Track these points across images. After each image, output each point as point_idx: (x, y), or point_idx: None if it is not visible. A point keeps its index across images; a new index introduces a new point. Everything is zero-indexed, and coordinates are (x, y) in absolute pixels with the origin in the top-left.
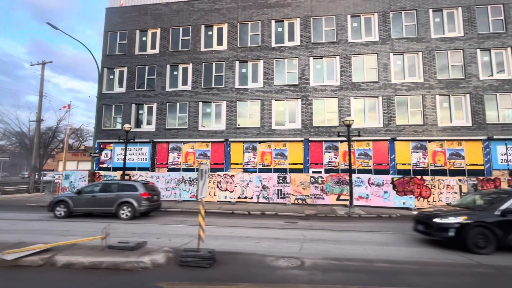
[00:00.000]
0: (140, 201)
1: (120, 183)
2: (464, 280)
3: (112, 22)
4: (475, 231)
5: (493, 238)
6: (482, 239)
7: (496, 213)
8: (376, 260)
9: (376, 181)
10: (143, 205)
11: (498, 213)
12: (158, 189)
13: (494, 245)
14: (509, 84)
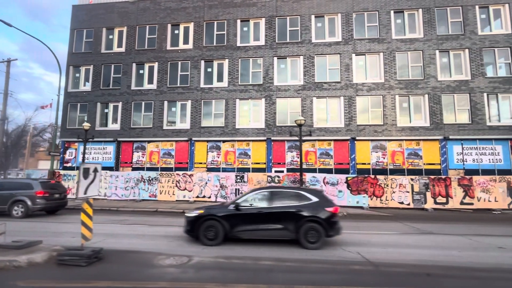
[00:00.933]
0: (35, 200)
1: (16, 181)
2: None
3: (78, 19)
4: (206, 224)
5: (221, 230)
6: (211, 231)
7: (231, 207)
8: (263, 258)
9: (331, 180)
10: (38, 203)
11: (233, 207)
12: (64, 187)
13: (222, 237)
14: (466, 85)
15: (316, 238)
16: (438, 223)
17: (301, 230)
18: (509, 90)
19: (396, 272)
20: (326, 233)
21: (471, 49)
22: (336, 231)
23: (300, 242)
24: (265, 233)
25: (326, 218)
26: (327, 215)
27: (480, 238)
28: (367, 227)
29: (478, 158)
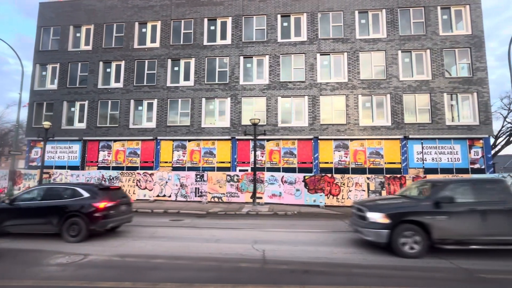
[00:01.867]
0: None
1: None
2: None
3: (45, 17)
4: None
5: None
6: None
7: (5, 202)
8: (160, 256)
9: (289, 179)
10: None
11: (6, 202)
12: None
13: None
14: (426, 85)
15: (77, 232)
16: None
17: (65, 224)
18: (468, 90)
19: (278, 269)
20: (87, 227)
21: (432, 50)
22: (100, 225)
23: (62, 236)
24: (32, 227)
25: (88, 212)
26: (90, 210)
27: None
28: (302, 226)
29: (437, 157)
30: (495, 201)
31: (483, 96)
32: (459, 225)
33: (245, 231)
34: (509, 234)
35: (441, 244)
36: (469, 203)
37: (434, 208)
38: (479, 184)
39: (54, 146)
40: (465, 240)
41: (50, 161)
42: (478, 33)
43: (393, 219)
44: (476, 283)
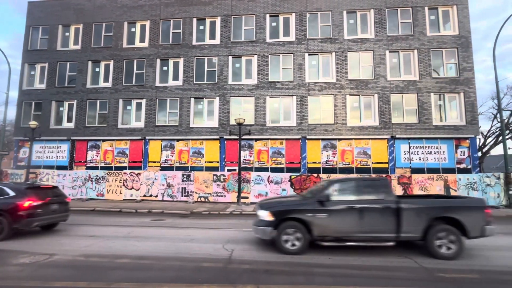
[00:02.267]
0: None
1: None
2: None
3: (34, 16)
4: None
5: None
6: None
7: None
8: (126, 256)
9: (275, 179)
10: None
11: None
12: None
13: None
14: (414, 85)
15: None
16: None
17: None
18: (455, 90)
19: (240, 269)
20: (10, 226)
21: (420, 50)
22: (24, 224)
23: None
24: None
25: (11, 211)
26: (13, 209)
27: None
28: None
29: (424, 157)
30: (374, 200)
31: (470, 96)
32: (338, 223)
33: (223, 230)
34: (384, 231)
35: (321, 241)
36: (349, 201)
37: (316, 206)
38: (362, 183)
39: (42, 146)
40: (343, 237)
41: (39, 161)
42: (465, 34)
43: (277, 217)
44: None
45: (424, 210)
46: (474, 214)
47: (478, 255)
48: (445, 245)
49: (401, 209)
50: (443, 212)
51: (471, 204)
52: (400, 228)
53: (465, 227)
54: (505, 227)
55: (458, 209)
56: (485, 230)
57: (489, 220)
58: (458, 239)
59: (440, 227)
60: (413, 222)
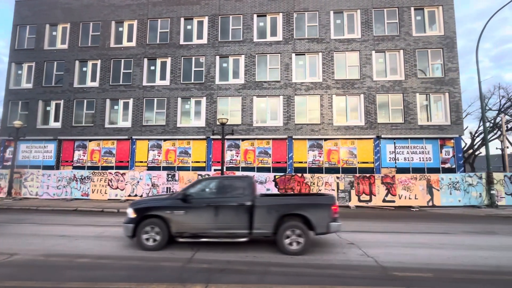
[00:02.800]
0: None
1: None
2: None
3: (21, 15)
4: None
5: None
6: None
7: None
8: (88, 256)
9: (260, 178)
10: None
11: None
12: None
13: None
14: (399, 85)
15: None
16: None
17: None
18: (440, 90)
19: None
20: None
21: (406, 50)
22: None
23: None
24: None
25: None
26: None
27: None
28: None
29: (409, 157)
30: (231, 198)
31: (455, 97)
32: (194, 220)
33: None
34: (238, 228)
35: (179, 237)
36: (206, 199)
37: (176, 204)
38: (225, 182)
39: (29, 146)
40: (199, 233)
41: (25, 160)
42: (450, 34)
43: (139, 214)
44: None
45: (274, 207)
46: (321, 211)
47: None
48: (294, 240)
49: (254, 207)
50: (292, 209)
51: (319, 202)
52: (253, 225)
53: (312, 224)
54: (473, 227)
55: (306, 207)
56: (330, 227)
57: (335, 217)
58: (306, 235)
59: (289, 224)
60: (264, 219)
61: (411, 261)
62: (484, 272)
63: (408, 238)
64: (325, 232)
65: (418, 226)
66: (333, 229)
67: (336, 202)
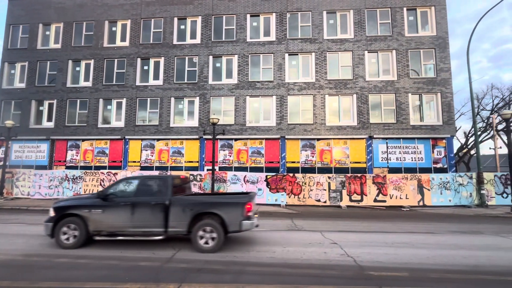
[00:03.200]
0: None
1: None
2: None
3: (15, 14)
4: None
5: None
6: None
7: None
8: (69, 256)
9: (251, 178)
10: None
11: None
12: None
13: None
14: (392, 85)
15: None
16: (326, 220)
17: None
18: (432, 90)
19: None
20: None
21: (398, 50)
22: None
23: None
24: None
25: None
26: None
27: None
28: None
29: (401, 157)
30: (150, 196)
31: (447, 97)
32: (111, 218)
33: None
34: (154, 226)
35: (97, 236)
36: (125, 198)
37: (94, 203)
38: (145, 181)
39: (21, 146)
40: (116, 232)
41: (17, 160)
42: (443, 34)
43: (57, 213)
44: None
45: (189, 206)
46: (234, 210)
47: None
48: (208, 238)
49: (170, 206)
50: (205, 208)
51: (232, 200)
52: (168, 224)
53: (225, 222)
54: (460, 226)
55: (219, 205)
56: (242, 225)
57: (248, 215)
58: (219, 233)
59: (203, 222)
60: (179, 217)
61: (391, 261)
62: (460, 272)
63: (393, 237)
64: (238, 230)
65: (405, 226)
66: (246, 227)
67: (252, 200)
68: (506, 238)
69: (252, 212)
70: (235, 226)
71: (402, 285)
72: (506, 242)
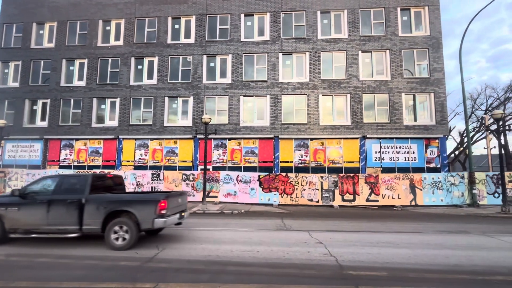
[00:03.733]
0: None
1: None
2: None
3: (8, 13)
4: None
5: None
6: None
7: None
8: (51, 255)
9: (244, 178)
10: None
11: None
12: None
13: None
14: (385, 85)
15: None
16: (317, 220)
17: None
18: (426, 90)
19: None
20: None
21: (392, 50)
22: None
23: None
24: None
25: None
26: None
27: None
28: (230, 225)
29: (394, 157)
30: (66, 194)
31: (440, 97)
32: (27, 216)
33: (172, 229)
34: (69, 224)
35: (13, 233)
36: (42, 196)
37: (12, 201)
38: (64, 179)
39: (15, 145)
40: (31, 229)
41: (11, 160)
42: (436, 34)
43: None
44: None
45: (103, 204)
46: (147, 208)
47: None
48: (121, 236)
49: (85, 204)
50: (119, 206)
51: (145, 198)
52: (82, 221)
53: (138, 220)
54: (448, 226)
55: (133, 203)
56: (155, 223)
57: (162, 213)
58: (131, 231)
59: (116, 220)
60: (93, 215)
61: (372, 260)
62: (439, 271)
63: (378, 237)
64: (151, 228)
65: (394, 226)
66: (158, 225)
67: (166, 199)
68: (492, 237)
69: (167, 211)
70: (147, 224)
71: (379, 284)
72: (490, 242)
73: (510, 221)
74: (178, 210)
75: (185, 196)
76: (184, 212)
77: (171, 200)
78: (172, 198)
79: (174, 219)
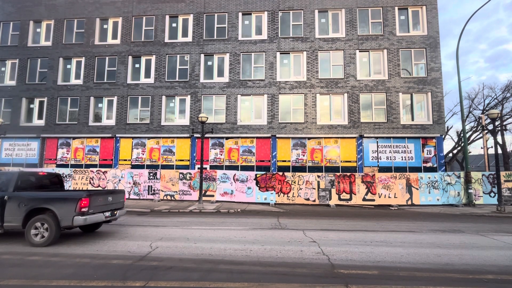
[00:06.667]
0: None
1: None
2: None
3: (5, 11)
4: None
5: None
6: None
7: None
8: (41, 254)
9: (240, 177)
10: None
11: None
12: None
13: None
14: (383, 84)
15: None
16: (312, 219)
17: None
18: (423, 90)
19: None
20: None
21: (389, 50)
22: None
23: None
24: None
25: None
26: None
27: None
28: (226, 223)
29: (391, 156)
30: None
31: (437, 96)
32: None
33: (166, 228)
34: None
35: None
36: None
37: None
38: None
39: (12, 143)
40: None
41: (8, 158)
42: (434, 34)
43: None
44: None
45: (24, 201)
46: (67, 206)
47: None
48: (41, 233)
49: (7, 201)
50: (40, 204)
51: (66, 196)
52: (3, 218)
53: (57, 217)
54: (443, 225)
55: (53, 201)
56: (74, 220)
57: (82, 211)
58: (51, 228)
59: (36, 217)
60: (14, 212)
61: (364, 259)
62: (430, 270)
63: (372, 236)
64: (71, 226)
65: (389, 225)
66: (78, 223)
67: (88, 197)
68: (485, 236)
69: (88, 208)
70: (67, 222)
71: (369, 283)
72: (483, 241)
73: (504, 220)
74: (107, 208)
75: (120, 195)
76: (117, 210)
77: (95, 198)
78: (98, 196)
79: (99, 217)
